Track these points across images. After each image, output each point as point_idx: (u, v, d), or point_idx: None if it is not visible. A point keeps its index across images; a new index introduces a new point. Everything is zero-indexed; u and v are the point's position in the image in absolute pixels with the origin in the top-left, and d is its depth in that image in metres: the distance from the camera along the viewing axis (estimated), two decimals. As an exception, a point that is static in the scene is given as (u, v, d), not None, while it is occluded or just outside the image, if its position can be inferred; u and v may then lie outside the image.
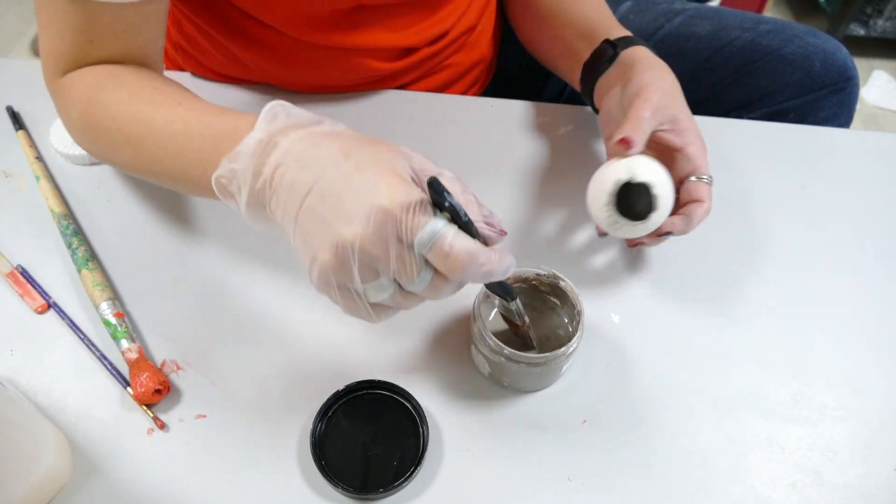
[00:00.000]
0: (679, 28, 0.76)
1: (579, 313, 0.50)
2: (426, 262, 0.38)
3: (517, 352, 0.47)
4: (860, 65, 2.01)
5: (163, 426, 0.49)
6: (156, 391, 0.48)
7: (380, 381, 0.50)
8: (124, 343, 0.51)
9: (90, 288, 0.54)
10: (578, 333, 0.48)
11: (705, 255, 0.61)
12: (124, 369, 0.51)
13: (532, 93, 0.86)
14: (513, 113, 0.72)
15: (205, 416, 0.50)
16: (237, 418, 0.50)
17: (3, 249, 0.58)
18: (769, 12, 2.14)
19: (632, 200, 0.50)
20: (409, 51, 0.70)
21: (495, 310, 0.53)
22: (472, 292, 0.50)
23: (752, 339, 0.56)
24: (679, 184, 0.55)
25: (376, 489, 0.45)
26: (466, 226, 0.37)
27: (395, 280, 0.38)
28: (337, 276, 0.37)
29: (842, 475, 0.49)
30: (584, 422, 0.50)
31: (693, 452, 0.49)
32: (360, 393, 0.50)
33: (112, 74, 0.52)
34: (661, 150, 0.57)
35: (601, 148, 0.69)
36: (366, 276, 0.37)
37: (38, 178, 0.62)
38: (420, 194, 0.36)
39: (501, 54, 0.85)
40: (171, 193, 0.62)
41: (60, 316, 0.54)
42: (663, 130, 0.55)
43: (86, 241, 0.58)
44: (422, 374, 0.52)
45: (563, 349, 0.47)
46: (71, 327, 0.53)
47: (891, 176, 0.69)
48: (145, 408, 0.49)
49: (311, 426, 0.47)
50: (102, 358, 0.52)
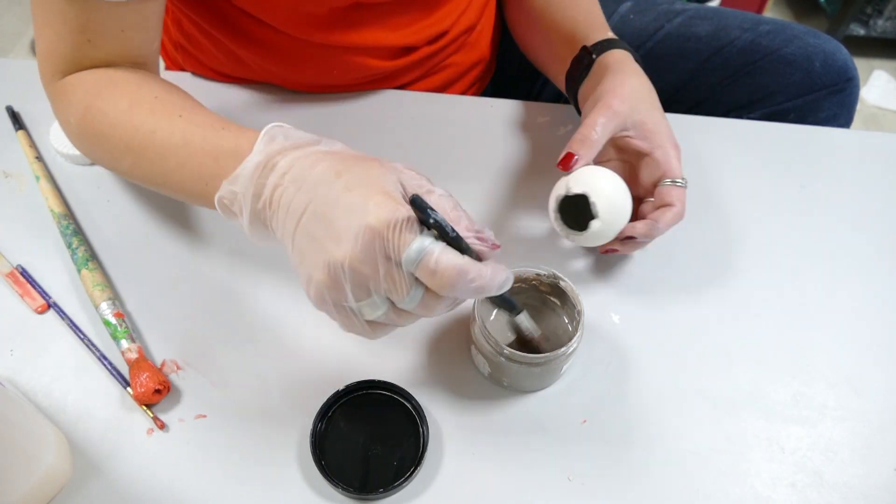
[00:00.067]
0: (679, 28, 0.76)
1: (579, 313, 0.50)
2: (416, 279, 0.38)
3: (517, 352, 0.47)
4: (860, 65, 2.01)
5: (163, 426, 0.49)
6: (156, 391, 0.48)
7: (380, 381, 0.50)
8: (124, 343, 0.51)
9: (90, 288, 0.54)
10: (578, 333, 0.48)
11: (705, 254, 0.61)
12: (124, 369, 0.51)
13: (532, 93, 0.86)
14: (513, 113, 0.72)
15: (205, 416, 0.50)
16: (237, 418, 0.50)
17: (3, 249, 0.58)
18: (769, 12, 2.14)
19: (575, 212, 0.52)
20: (408, 50, 0.70)
21: (496, 310, 0.53)
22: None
23: (752, 339, 0.56)
24: (652, 188, 0.55)
25: (376, 489, 0.45)
26: (455, 241, 0.37)
27: (388, 298, 0.39)
28: (331, 294, 0.38)
29: (842, 475, 0.49)
30: (584, 422, 0.50)
31: (693, 452, 0.49)
32: (360, 393, 0.50)
33: (111, 80, 0.52)
34: (631, 156, 0.57)
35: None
36: (359, 294, 0.38)
37: (37, 178, 0.62)
38: (407, 212, 0.37)
39: (501, 54, 0.85)
40: (171, 193, 0.62)
41: (60, 316, 0.54)
42: (628, 136, 0.55)
43: (86, 241, 0.58)
44: (422, 374, 0.52)
45: (563, 349, 0.47)
46: (71, 327, 0.53)
47: (891, 176, 0.69)
48: (145, 408, 0.49)
49: (311, 426, 0.48)
50: (102, 358, 0.52)
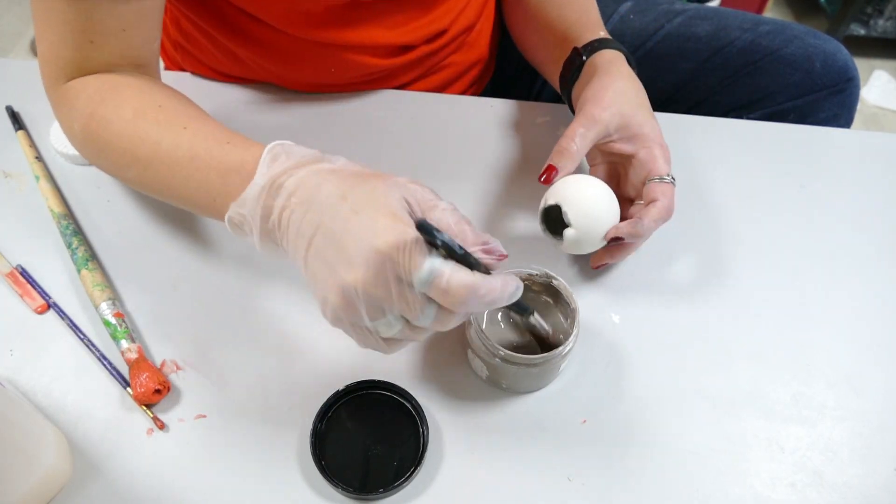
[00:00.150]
0: (679, 28, 0.76)
1: (574, 311, 0.49)
2: (428, 298, 0.38)
3: (513, 353, 0.47)
4: (860, 65, 2.02)
5: (163, 426, 0.49)
6: (155, 391, 0.48)
7: (380, 381, 0.50)
8: (124, 343, 0.51)
9: (90, 288, 0.54)
10: (574, 332, 0.48)
11: (705, 254, 0.61)
12: (124, 369, 0.51)
13: (531, 93, 0.86)
14: (512, 113, 0.72)
15: (205, 416, 0.50)
16: (237, 418, 0.50)
17: (2, 249, 0.58)
18: (769, 12, 2.14)
19: (556, 221, 0.54)
20: (406, 48, 0.70)
21: (486, 312, 0.53)
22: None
23: (751, 338, 0.56)
24: (641, 188, 0.56)
25: (376, 489, 0.45)
26: (464, 259, 0.38)
27: (402, 316, 0.39)
28: (347, 315, 0.39)
29: (842, 475, 0.49)
30: (584, 422, 0.50)
31: (693, 452, 0.49)
32: (360, 393, 0.50)
33: (115, 87, 0.52)
34: (618, 159, 0.58)
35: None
36: (373, 314, 0.39)
37: (37, 178, 0.62)
38: (414, 233, 0.37)
39: (501, 54, 0.85)
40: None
41: (60, 316, 0.54)
42: (612, 141, 0.56)
43: (86, 241, 0.58)
44: (422, 374, 0.52)
45: (559, 349, 0.47)
46: (71, 327, 0.53)
47: (891, 176, 0.69)
48: (145, 408, 0.49)
49: (311, 426, 0.47)
50: (102, 358, 0.52)
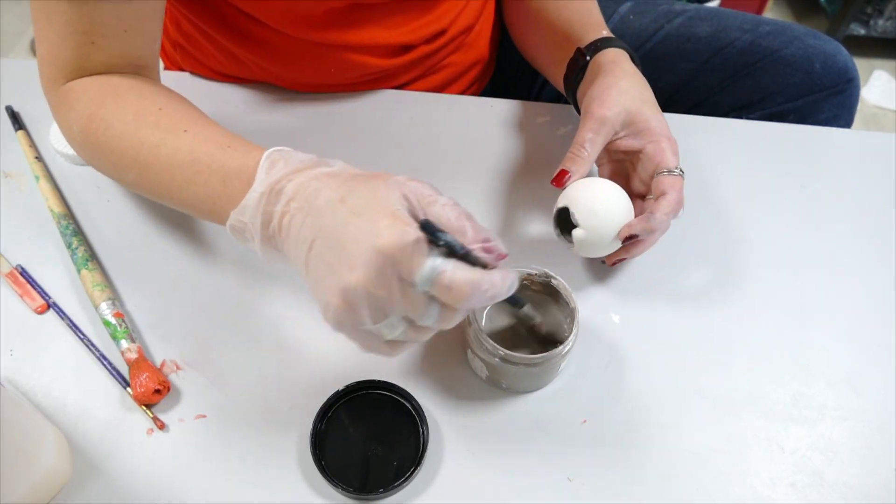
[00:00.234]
0: (679, 29, 0.76)
1: (574, 310, 0.49)
2: (431, 296, 0.38)
3: (513, 353, 0.47)
4: (860, 65, 2.01)
5: (163, 426, 0.49)
6: (155, 391, 0.48)
7: (380, 382, 0.50)
8: (124, 343, 0.51)
9: (90, 288, 0.54)
10: (574, 331, 0.48)
11: (705, 254, 0.61)
12: (124, 369, 0.51)
13: (532, 93, 0.86)
14: (512, 113, 0.72)
15: (205, 416, 0.50)
16: (237, 418, 0.50)
17: (2, 249, 0.58)
18: (769, 12, 2.14)
19: (567, 223, 0.54)
20: (405, 48, 0.70)
21: (487, 310, 0.53)
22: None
23: (751, 338, 0.56)
24: (650, 183, 0.55)
25: (376, 489, 0.45)
26: (465, 257, 0.38)
27: (404, 317, 0.39)
28: (349, 318, 0.39)
29: (842, 475, 0.49)
30: (584, 422, 0.50)
31: (693, 452, 0.49)
32: (360, 393, 0.50)
33: (115, 89, 0.52)
34: (625, 156, 0.58)
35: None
36: (376, 317, 0.39)
37: (37, 178, 0.62)
38: (415, 232, 0.37)
39: (501, 54, 0.85)
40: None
41: (60, 316, 0.54)
42: (619, 138, 0.56)
43: (85, 241, 0.58)
44: (421, 374, 0.52)
45: (559, 348, 0.47)
46: (70, 327, 0.53)
47: (891, 176, 0.68)
48: (145, 408, 0.49)
49: (311, 426, 0.47)
50: (102, 358, 0.52)
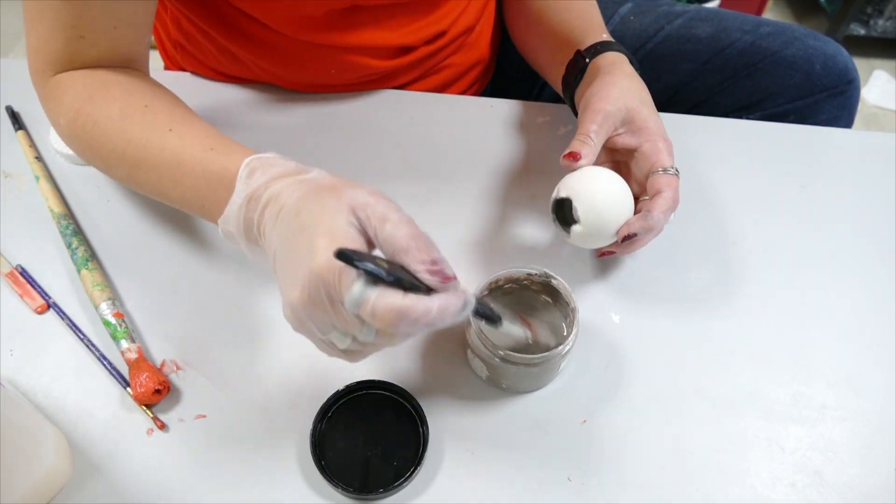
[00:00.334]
0: (679, 30, 0.76)
1: (573, 311, 0.49)
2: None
3: (513, 353, 0.47)
4: (860, 65, 2.01)
5: (163, 426, 0.49)
6: (155, 391, 0.48)
7: (380, 382, 0.50)
8: (124, 343, 0.51)
9: (90, 288, 0.54)
10: (574, 331, 0.48)
11: (705, 254, 0.61)
12: (124, 369, 0.51)
13: (532, 93, 0.86)
14: (512, 113, 0.72)
15: (205, 416, 0.50)
16: (237, 418, 0.50)
17: (2, 249, 0.58)
18: (769, 12, 2.14)
19: (566, 214, 0.53)
20: (406, 50, 0.70)
21: None
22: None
23: (751, 338, 0.56)
24: (645, 182, 0.55)
25: (376, 489, 0.45)
26: (396, 283, 0.36)
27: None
28: (302, 329, 0.40)
29: (842, 475, 0.49)
30: (584, 422, 0.50)
31: (693, 452, 0.49)
32: (360, 393, 0.50)
33: (102, 84, 0.52)
34: (621, 155, 0.58)
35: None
36: (323, 329, 0.39)
37: (37, 178, 0.62)
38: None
39: (501, 54, 0.85)
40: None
41: (60, 316, 0.54)
42: (618, 135, 0.56)
43: (85, 241, 0.58)
44: (421, 374, 0.52)
45: (559, 348, 0.47)
46: (71, 327, 0.53)
47: (891, 176, 0.69)
48: (145, 408, 0.49)
49: (311, 426, 0.47)
50: (102, 358, 0.52)
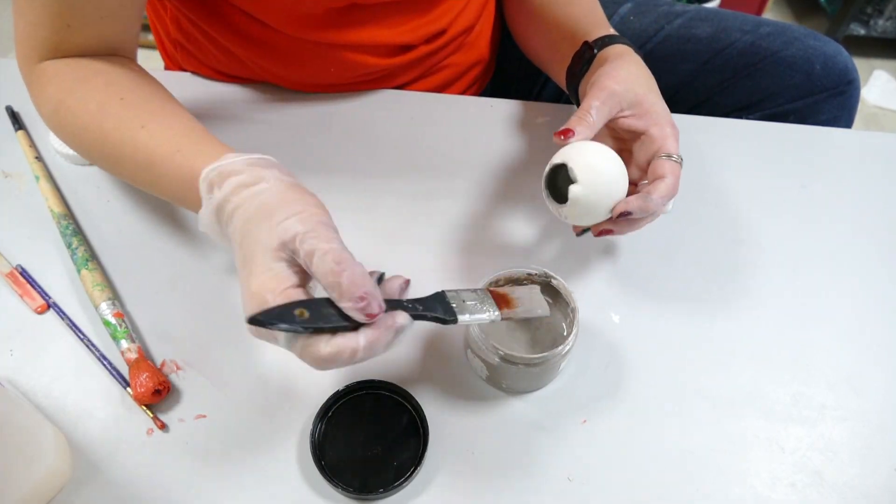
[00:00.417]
0: (679, 30, 0.76)
1: (573, 310, 0.49)
2: None
3: (513, 353, 0.47)
4: (860, 65, 2.02)
5: (163, 426, 0.49)
6: (155, 391, 0.48)
7: (380, 382, 0.50)
8: (124, 343, 0.51)
9: (90, 288, 0.54)
10: (574, 331, 0.48)
11: (705, 254, 0.61)
12: (124, 369, 0.51)
13: (532, 93, 0.86)
14: (512, 113, 0.72)
15: (205, 416, 0.50)
16: (237, 418, 0.50)
17: (2, 249, 0.58)
18: (769, 12, 2.14)
19: (560, 183, 0.51)
20: (405, 48, 0.70)
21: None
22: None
23: (751, 338, 0.56)
24: (646, 167, 0.54)
25: (376, 489, 0.45)
26: (319, 330, 0.38)
27: None
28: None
29: (842, 475, 0.49)
30: (584, 422, 0.50)
31: (693, 452, 0.49)
32: (360, 393, 0.50)
33: (83, 77, 0.53)
34: (626, 136, 0.56)
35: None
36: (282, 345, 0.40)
37: (37, 178, 0.62)
38: (274, 302, 0.38)
39: (501, 54, 0.85)
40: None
41: (60, 316, 0.54)
42: (624, 116, 0.54)
43: (85, 241, 0.58)
44: (422, 374, 0.52)
45: (559, 348, 0.47)
46: (71, 327, 0.53)
47: (891, 176, 0.69)
48: (145, 408, 0.49)
49: (311, 426, 0.47)
50: (102, 358, 0.52)
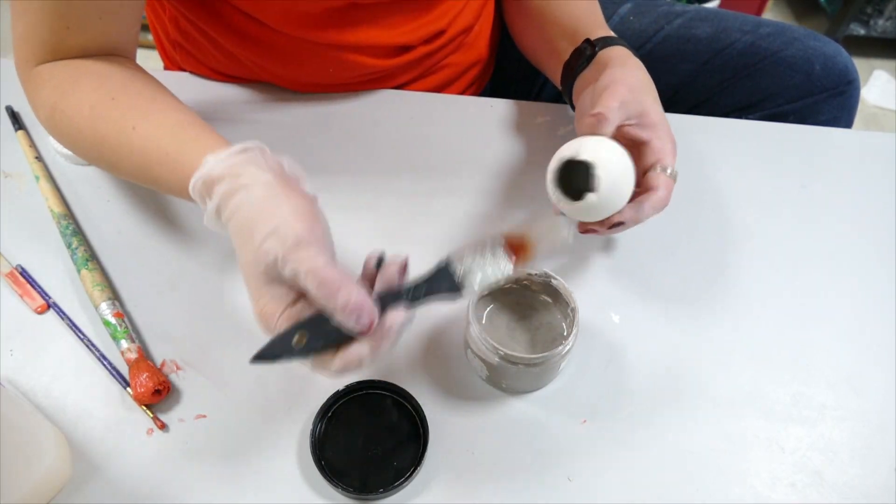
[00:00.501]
0: (679, 30, 0.76)
1: (573, 311, 0.49)
2: None
3: (513, 353, 0.47)
4: (860, 65, 2.01)
5: (163, 426, 0.49)
6: (155, 391, 0.48)
7: (380, 381, 0.50)
8: (124, 343, 0.51)
9: (90, 288, 0.54)
10: (574, 331, 0.48)
11: (705, 254, 0.61)
12: (124, 369, 0.51)
13: (531, 93, 0.86)
14: (512, 113, 0.72)
15: (205, 416, 0.50)
16: (237, 418, 0.50)
17: (2, 249, 0.58)
18: (769, 12, 2.14)
19: (574, 179, 0.49)
20: (404, 49, 0.70)
21: (488, 310, 0.53)
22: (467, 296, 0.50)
23: (751, 338, 0.56)
24: (642, 177, 0.54)
25: (376, 489, 0.45)
26: (323, 349, 0.40)
27: None
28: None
29: (842, 475, 0.49)
30: (585, 422, 0.50)
31: (693, 452, 0.49)
32: (360, 393, 0.50)
33: (76, 79, 0.52)
34: (629, 146, 0.56)
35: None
36: None
37: (37, 178, 0.62)
38: (278, 326, 0.41)
39: (501, 54, 0.85)
40: (171, 193, 0.63)
41: (60, 316, 0.54)
42: (630, 125, 0.54)
43: (85, 241, 0.58)
44: (422, 374, 0.52)
45: (559, 348, 0.47)
46: (70, 327, 0.53)
47: (891, 176, 0.69)
48: (145, 408, 0.49)
49: (311, 426, 0.48)
50: (102, 358, 0.52)
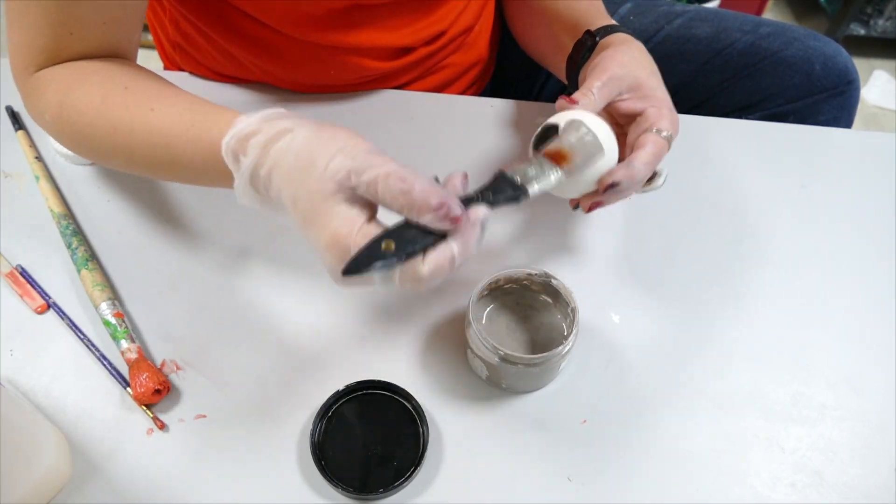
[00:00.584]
0: (679, 30, 0.76)
1: (573, 311, 0.49)
2: None
3: (513, 353, 0.47)
4: (860, 65, 2.01)
5: (163, 426, 0.49)
6: (155, 391, 0.48)
7: (380, 381, 0.50)
8: (124, 343, 0.51)
9: (90, 288, 0.54)
10: (574, 331, 0.48)
11: (705, 254, 0.61)
12: (124, 369, 0.51)
13: (532, 93, 0.86)
14: (512, 112, 0.72)
15: (205, 416, 0.50)
16: (237, 418, 0.50)
17: (2, 249, 0.58)
18: (769, 12, 2.14)
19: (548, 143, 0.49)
20: (405, 50, 0.70)
21: (488, 310, 0.53)
22: (467, 296, 0.50)
23: (751, 338, 0.56)
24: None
25: (376, 489, 0.45)
26: (412, 253, 0.39)
27: None
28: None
29: (842, 475, 0.49)
30: (584, 422, 0.50)
31: (693, 452, 0.49)
32: (360, 393, 0.50)
33: (81, 76, 0.52)
34: (625, 122, 0.55)
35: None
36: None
37: (37, 178, 0.62)
38: (355, 247, 0.39)
39: (501, 54, 0.85)
40: (171, 194, 0.62)
41: (60, 316, 0.54)
42: (623, 100, 0.54)
43: (85, 241, 0.58)
44: (422, 374, 0.52)
45: (559, 348, 0.47)
46: (71, 327, 0.53)
47: (891, 176, 0.69)
48: (145, 408, 0.49)
49: (311, 426, 0.48)
50: (102, 358, 0.52)
